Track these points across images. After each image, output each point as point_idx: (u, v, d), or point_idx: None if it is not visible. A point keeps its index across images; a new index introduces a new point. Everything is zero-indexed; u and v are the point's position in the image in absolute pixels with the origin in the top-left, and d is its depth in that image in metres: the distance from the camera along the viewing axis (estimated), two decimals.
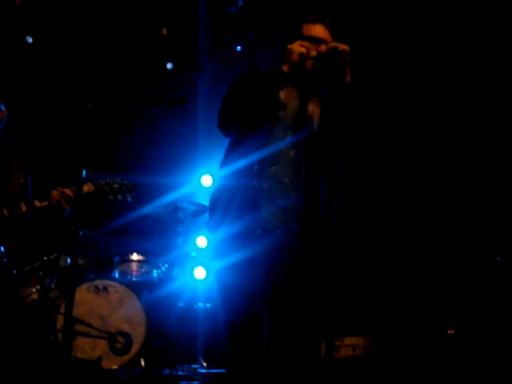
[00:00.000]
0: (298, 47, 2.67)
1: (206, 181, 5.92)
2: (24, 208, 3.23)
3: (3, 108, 3.28)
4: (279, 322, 2.69)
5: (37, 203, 3.26)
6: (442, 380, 4.19)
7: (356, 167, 4.68)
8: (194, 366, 5.01)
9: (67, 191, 3.27)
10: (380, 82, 5.19)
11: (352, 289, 5.12)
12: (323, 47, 2.73)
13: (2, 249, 3.26)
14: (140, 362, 4.78)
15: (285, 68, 2.68)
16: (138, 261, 5.27)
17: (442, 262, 5.06)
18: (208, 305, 5.41)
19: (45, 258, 4.91)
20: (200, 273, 5.58)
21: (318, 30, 2.84)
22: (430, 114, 5.24)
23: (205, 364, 5.13)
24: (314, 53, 2.73)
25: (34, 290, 4.72)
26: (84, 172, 2.85)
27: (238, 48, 6.42)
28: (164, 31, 6.18)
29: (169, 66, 6.42)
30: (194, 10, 6.16)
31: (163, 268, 5.36)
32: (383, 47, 5.36)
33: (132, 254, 5.26)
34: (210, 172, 5.89)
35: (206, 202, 3.27)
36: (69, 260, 4.70)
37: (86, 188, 3.36)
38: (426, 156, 5.26)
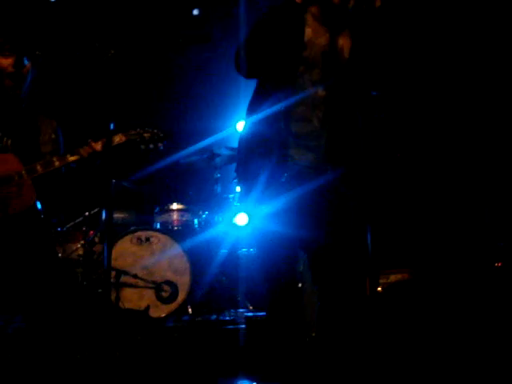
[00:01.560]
0: None
1: (242, 126, 5.80)
2: (57, 163, 3.18)
3: (27, 62, 3.20)
4: (322, 264, 2.61)
5: (69, 157, 3.21)
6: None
7: (390, 98, 4.55)
8: (240, 310, 5.02)
9: (96, 145, 3.22)
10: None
11: (396, 225, 5.02)
12: None
13: (39, 206, 3.23)
14: (187, 310, 4.81)
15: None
16: (178, 210, 5.25)
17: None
18: (251, 250, 5.38)
19: (87, 214, 4.95)
20: (242, 219, 5.52)
21: None
22: None
23: (251, 307, 5.14)
24: None
25: (79, 245, 4.78)
26: (112, 124, 2.80)
27: None
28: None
29: (195, 11, 6.25)
30: None
31: (203, 216, 5.34)
32: None
33: (172, 203, 5.25)
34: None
35: None
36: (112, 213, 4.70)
37: (117, 139, 3.30)
38: None
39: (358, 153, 2.71)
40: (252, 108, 2.71)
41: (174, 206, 5.25)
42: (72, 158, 3.21)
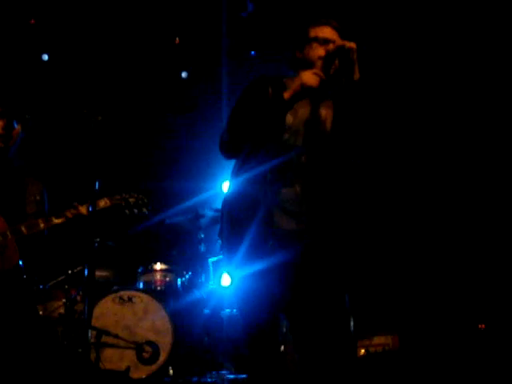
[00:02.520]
0: (310, 76, 2.60)
1: (227, 187, 5.88)
2: (42, 225, 3.22)
3: (17, 125, 3.28)
4: (303, 329, 2.62)
5: (54, 220, 3.24)
6: (471, 377, 4.08)
7: (371, 166, 4.66)
8: (222, 372, 4.96)
9: (81, 208, 3.26)
10: (388, 79, 5.14)
11: (378, 289, 5.05)
12: (331, 46, 2.70)
13: (22, 265, 3.25)
14: (168, 371, 4.75)
15: (286, 94, 2.60)
16: (162, 270, 5.25)
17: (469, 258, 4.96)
18: (234, 310, 5.36)
19: (69, 272, 4.94)
20: (226, 279, 5.53)
21: (326, 32, 2.81)
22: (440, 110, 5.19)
23: (233, 370, 5.09)
24: (322, 52, 2.71)
25: (61, 303, 4.75)
26: (97, 185, 2.85)
27: (252, 52, 6.40)
28: (177, 40, 6.16)
29: (184, 74, 6.42)
30: (208, 19, 6.14)
31: (187, 276, 5.34)
32: (390, 45, 5.30)
33: (155, 263, 5.25)
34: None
35: None
36: (95, 272, 4.70)
37: (102, 203, 3.35)
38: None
39: (339, 220, 2.77)
40: (237, 171, 2.77)
41: (158, 265, 5.24)
42: (57, 221, 3.24)
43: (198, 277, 5.42)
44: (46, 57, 5.95)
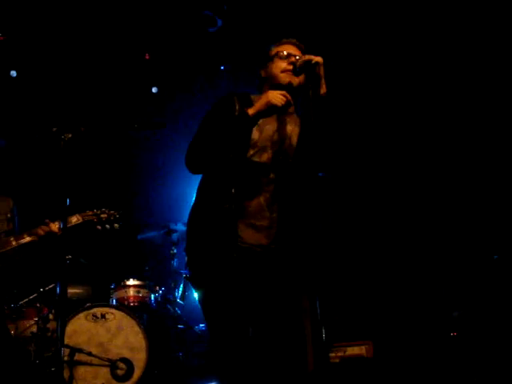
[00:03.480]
0: (276, 96, 2.65)
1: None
2: (14, 243, 3.21)
3: None
4: (266, 339, 2.68)
5: (26, 237, 3.24)
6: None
7: (337, 179, 4.74)
8: None
9: (53, 226, 3.26)
10: (356, 92, 5.22)
11: (351, 297, 5.08)
12: (294, 59, 2.76)
13: None
14: None
15: (251, 111, 2.66)
16: (135, 286, 5.23)
17: (442, 264, 5.04)
18: None
19: (41, 290, 4.89)
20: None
21: (287, 48, 2.89)
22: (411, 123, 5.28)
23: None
24: (284, 65, 2.78)
25: (33, 322, 4.69)
26: (68, 201, 2.86)
27: (222, 67, 6.47)
28: (147, 56, 6.19)
29: (154, 90, 6.45)
30: (176, 34, 6.18)
31: (160, 291, 5.34)
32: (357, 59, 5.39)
33: (128, 279, 5.23)
34: None
35: None
36: (67, 290, 4.67)
37: (74, 219, 3.36)
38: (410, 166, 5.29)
39: (306, 232, 2.82)
40: (202, 185, 2.82)
41: (131, 281, 5.23)
42: (29, 238, 3.24)
43: (172, 292, 5.42)
44: (14, 73, 5.92)
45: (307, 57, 2.69)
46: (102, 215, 3.45)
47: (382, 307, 4.99)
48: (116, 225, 3.47)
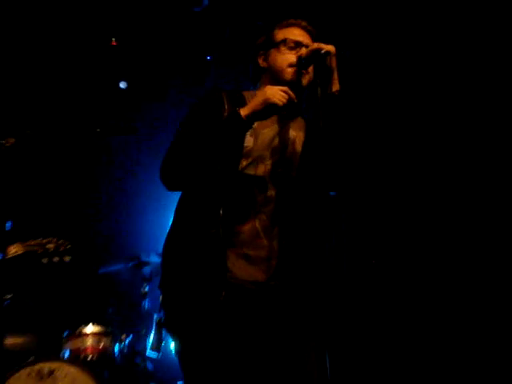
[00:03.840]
0: (276, 93, 2.60)
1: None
2: None
3: None
4: None
5: None
6: None
7: (351, 199, 4.72)
8: None
9: None
10: (375, 92, 5.24)
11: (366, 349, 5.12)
12: (303, 50, 2.74)
13: None
14: None
15: (244, 112, 2.61)
16: (94, 334, 5.15)
17: None
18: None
19: None
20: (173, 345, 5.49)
21: (296, 33, 2.87)
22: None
23: None
24: (293, 58, 2.74)
25: None
26: (8, 226, 2.82)
27: (208, 57, 6.46)
28: (113, 41, 6.16)
29: (122, 85, 6.41)
30: (151, 13, 6.16)
31: (127, 340, 5.28)
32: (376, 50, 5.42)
33: (86, 325, 5.16)
34: None
35: None
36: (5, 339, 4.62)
37: (13, 250, 3.33)
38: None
39: (313, 264, 2.79)
40: (182, 205, 2.79)
41: (89, 328, 5.14)
42: None
43: (142, 341, 5.35)
44: None
45: (315, 45, 2.68)
46: (49, 245, 3.43)
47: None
48: (66, 257, 3.45)
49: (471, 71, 5.23)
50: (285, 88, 2.63)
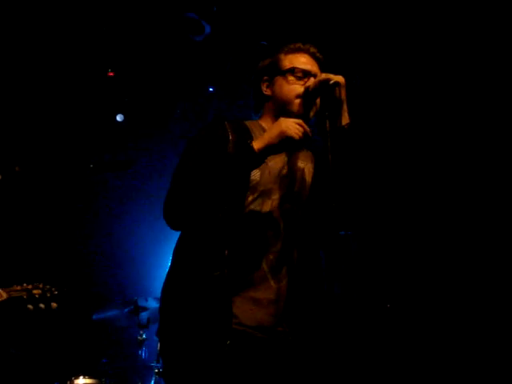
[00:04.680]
0: (292, 126, 2.57)
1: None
2: None
3: None
4: None
5: None
6: None
7: (364, 238, 4.70)
8: None
9: None
10: (388, 123, 5.24)
11: None
12: (311, 81, 2.72)
13: None
14: None
15: (257, 145, 2.57)
16: None
17: None
18: None
19: None
20: None
21: (303, 61, 2.85)
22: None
23: None
24: (301, 89, 2.72)
25: None
26: None
27: (211, 89, 6.48)
28: (110, 72, 6.18)
29: (119, 118, 6.42)
30: (150, 43, 6.18)
31: None
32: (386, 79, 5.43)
33: (77, 377, 5.08)
34: None
35: None
36: None
37: None
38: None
39: (322, 308, 2.75)
40: (184, 245, 2.74)
41: (81, 380, 5.08)
42: None
43: None
44: None
45: (324, 76, 2.66)
46: (35, 291, 3.41)
47: None
48: (54, 304, 3.42)
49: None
50: (299, 121, 2.59)
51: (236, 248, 2.61)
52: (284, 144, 2.55)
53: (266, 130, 2.67)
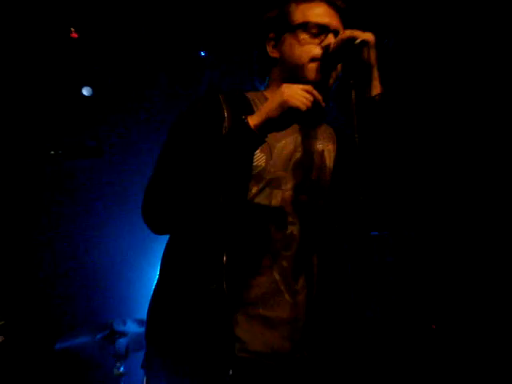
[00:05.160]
0: (297, 93, 2.52)
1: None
2: None
3: None
4: None
5: None
6: None
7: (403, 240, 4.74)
8: None
9: None
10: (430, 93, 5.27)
11: None
12: (330, 39, 2.71)
13: None
14: None
15: (253, 121, 2.52)
16: None
17: None
18: None
19: None
20: None
21: (320, 13, 2.83)
22: None
23: None
24: (316, 50, 2.72)
25: None
26: None
27: (202, 53, 6.50)
28: (73, 33, 6.17)
29: (85, 91, 6.43)
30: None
31: None
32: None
33: None
34: None
35: None
36: None
37: None
38: None
39: (352, 327, 2.79)
40: (172, 254, 2.76)
41: None
42: None
43: None
44: None
45: (348, 33, 2.66)
46: None
47: None
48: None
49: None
50: (308, 87, 2.53)
51: (237, 253, 2.62)
52: (288, 118, 2.50)
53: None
